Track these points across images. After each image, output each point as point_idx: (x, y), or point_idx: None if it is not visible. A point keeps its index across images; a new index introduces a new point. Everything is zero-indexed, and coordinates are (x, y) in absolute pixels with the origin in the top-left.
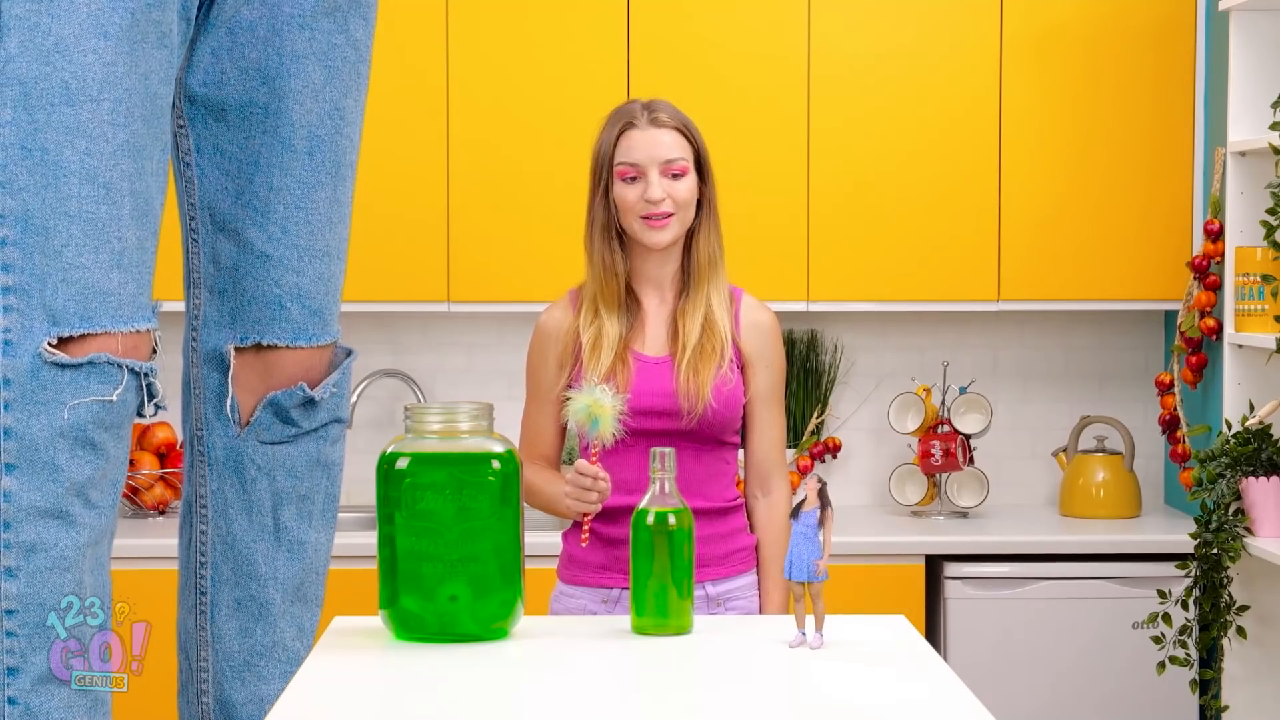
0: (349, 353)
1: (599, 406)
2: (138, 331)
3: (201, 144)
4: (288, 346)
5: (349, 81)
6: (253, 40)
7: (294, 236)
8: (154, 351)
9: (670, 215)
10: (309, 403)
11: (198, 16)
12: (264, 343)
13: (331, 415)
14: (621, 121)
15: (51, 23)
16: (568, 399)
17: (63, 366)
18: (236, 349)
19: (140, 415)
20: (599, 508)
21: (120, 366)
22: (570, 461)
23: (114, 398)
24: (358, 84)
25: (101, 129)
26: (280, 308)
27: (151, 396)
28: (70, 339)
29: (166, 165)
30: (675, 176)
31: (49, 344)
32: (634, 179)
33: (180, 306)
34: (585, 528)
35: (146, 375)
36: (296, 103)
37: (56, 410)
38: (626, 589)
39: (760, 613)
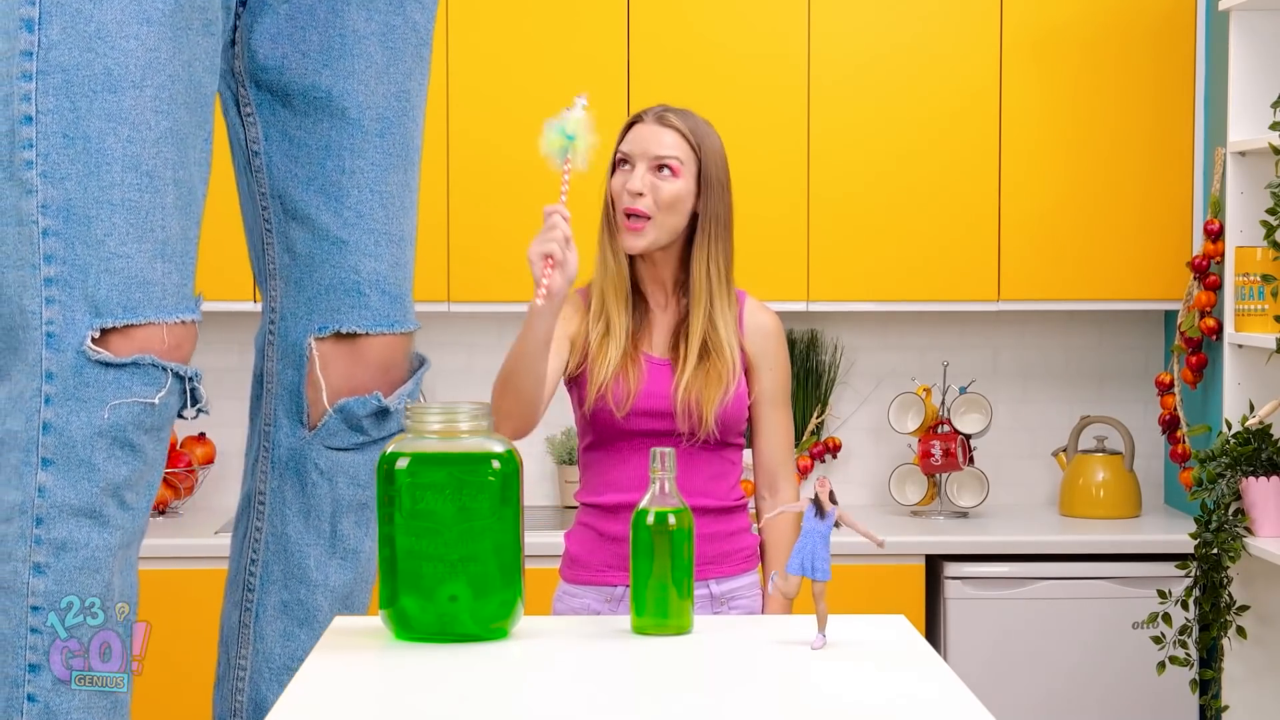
0: (422, 361)
1: (575, 123)
2: (182, 323)
3: (269, 131)
4: (368, 334)
5: (412, 64)
6: (312, 23)
7: (369, 221)
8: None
9: (647, 219)
10: (381, 412)
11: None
12: (344, 330)
13: (401, 425)
14: (632, 117)
15: (94, 8)
16: (544, 130)
17: (107, 365)
18: (316, 339)
19: (181, 417)
20: (559, 251)
21: (165, 370)
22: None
23: (156, 400)
24: (421, 68)
25: (144, 116)
26: (359, 294)
27: (195, 401)
28: (114, 330)
29: (210, 155)
30: (663, 172)
31: (92, 340)
32: (626, 169)
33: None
34: (543, 283)
35: (191, 380)
36: (361, 84)
37: (97, 409)
38: (629, 587)
39: (762, 611)
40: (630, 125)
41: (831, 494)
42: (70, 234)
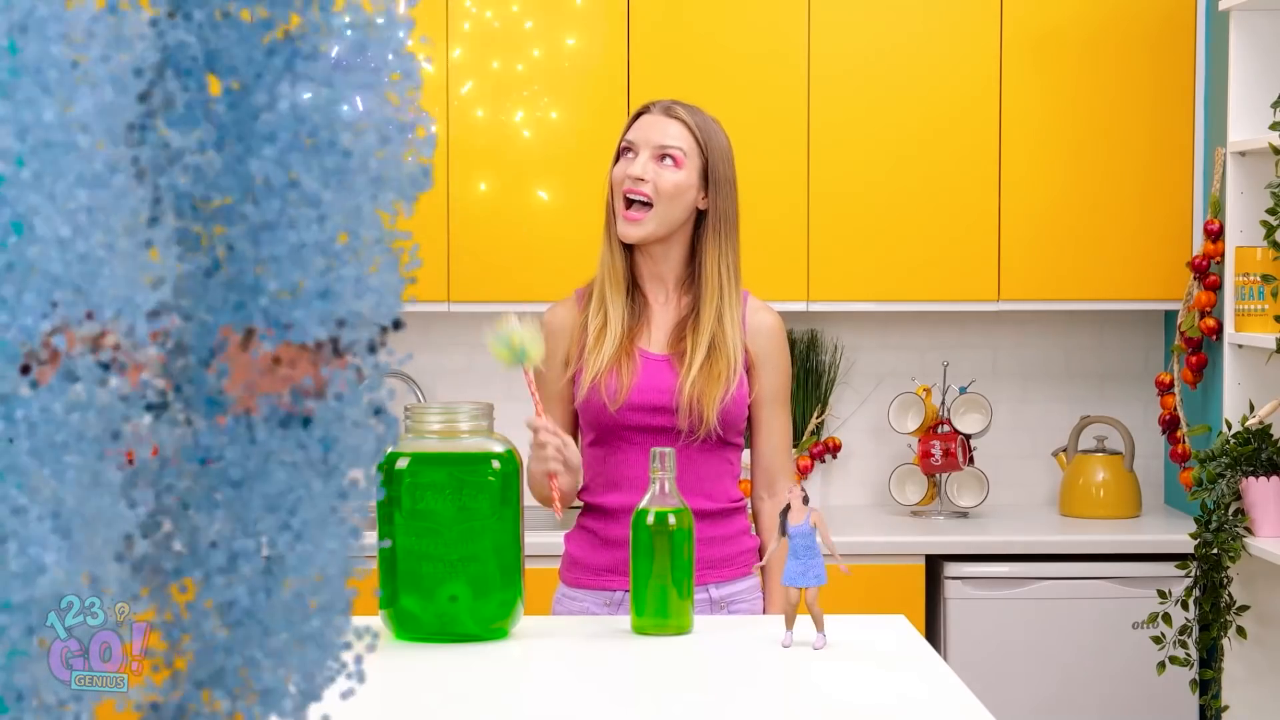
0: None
1: (516, 336)
2: (123, 321)
3: (192, 125)
4: (287, 344)
5: None
6: None
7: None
8: (139, 345)
9: (647, 206)
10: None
11: None
12: (263, 337)
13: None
14: (640, 107)
15: None
16: (491, 343)
17: (44, 361)
18: (239, 341)
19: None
20: (560, 466)
21: (106, 365)
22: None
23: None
24: None
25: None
26: (276, 300)
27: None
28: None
29: (153, 149)
30: (666, 162)
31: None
32: (629, 154)
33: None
34: (554, 495)
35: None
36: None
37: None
38: (629, 591)
39: (764, 613)
40: (638, 115)
41: (805, 499)
42: None
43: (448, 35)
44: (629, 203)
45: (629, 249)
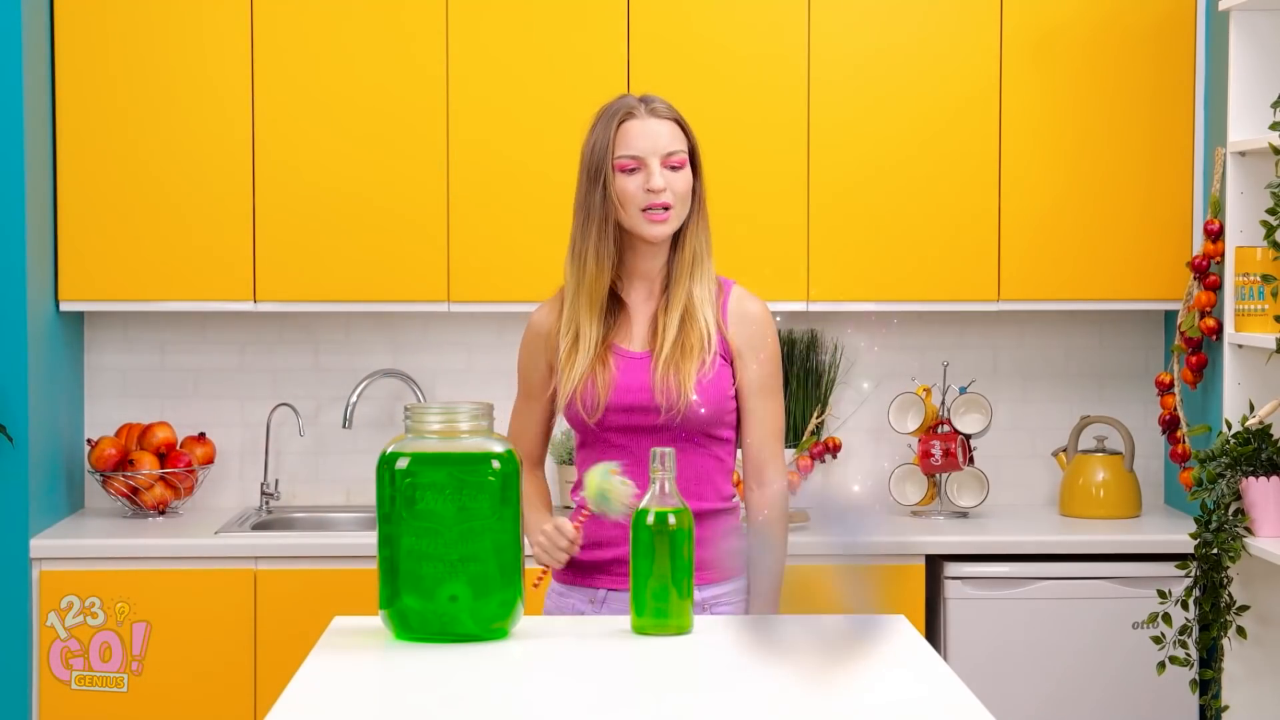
0: None
1: (609, 487)
2: None
3: None
4: None
5: None
6: None
7: None
8: None
9: (669, 208)
10: None
11: None
12: None
13: None
14: (620, 114)
15: None
16: (585, 476)
17: None
18: None
19: None
20: (560, 567)
21: None
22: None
23: None
24: None
25: None
26: None
27: None
28: None
29: None
30: (674, 169)
31: None
32: (634, 170)
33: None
34: (540, 578)
35: None
36: None
37: None
38: (613, 590)
39: (746, 611)
40: (621, 122)
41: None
42: None
43: (447, 35)
44: (651, 210)
45: (616, 256)
